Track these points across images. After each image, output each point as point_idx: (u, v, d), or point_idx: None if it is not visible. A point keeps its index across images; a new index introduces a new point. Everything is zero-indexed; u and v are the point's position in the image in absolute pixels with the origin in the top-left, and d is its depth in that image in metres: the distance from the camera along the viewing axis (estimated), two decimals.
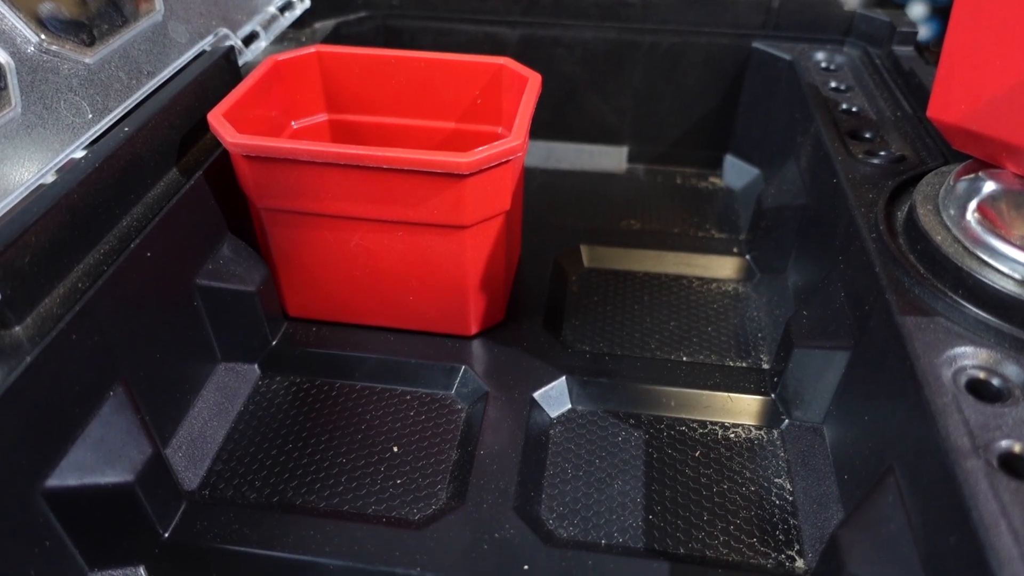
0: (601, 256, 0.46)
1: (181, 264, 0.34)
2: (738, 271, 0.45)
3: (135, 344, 0.31)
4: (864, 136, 0.39)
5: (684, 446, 0.35)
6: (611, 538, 0.31)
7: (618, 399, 0.37)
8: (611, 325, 0.41)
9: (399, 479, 0.33)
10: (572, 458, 0.34)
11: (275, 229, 0.37)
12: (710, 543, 0.31)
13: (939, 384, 0.24)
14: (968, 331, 0.26)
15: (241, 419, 0.36)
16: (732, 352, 0.39)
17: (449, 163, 0.31)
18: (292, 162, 0.33)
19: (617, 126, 0.54)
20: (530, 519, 0.31)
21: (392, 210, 0.34)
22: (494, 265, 0.37)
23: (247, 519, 0.31)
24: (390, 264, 0.37)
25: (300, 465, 0.34)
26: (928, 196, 0.31)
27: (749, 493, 0.33)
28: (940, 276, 0.28)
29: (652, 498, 0.33)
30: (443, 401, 0.37)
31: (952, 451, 0.22)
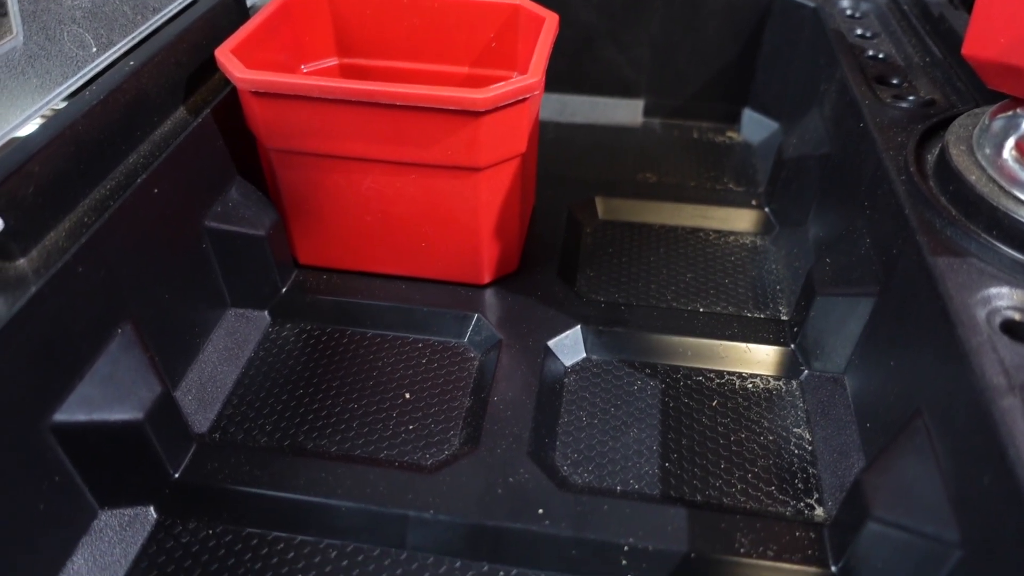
0: (616, 208, 0.45)
1: (189, 204, 0.33)
2: (756, 224, 0.44)
3: (143, 283, 0.30)
4: (891, 82, 0.38)
5: (701, 395, 0.34)
6: (627, 485, 0.30)
7: (633, 348, 0.36)
8: (626, 276, 0.41)
9: (411, 425, 0.33)
10: (587, 406, 0.34)
11: (285, 172, 0.36)
12: (727, 491, 0.30)
13: (973, 324, 0.24)
14: (1003, 272, 0.25)
15: (251, 365, 0.36)
16: (750, 304, 0.39)
17: (465, 99, 0.30)
18: (302, 99, 0.32)
19: (633, 78, 0.53)
20: (544, 465, 0.30)
21: (405, 151, 0.33)
22: (508, 211, 0.36)
23: (258, 461, 0.30)
24: (403, 209, 0.36)
25: (311, 410, 0.33)
26: (961, 137, 0.30)
27: (767, 442, 0.32)
28: (973, 217, 0.27)
29: (668, 446, 0.32)
30: (456, 349, 0.37)
31: (987, 390, 0.22)
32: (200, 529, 0.29)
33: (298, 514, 0.29)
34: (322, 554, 0.28)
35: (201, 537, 0.29)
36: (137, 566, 0.28)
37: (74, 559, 0.27)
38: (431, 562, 0.28)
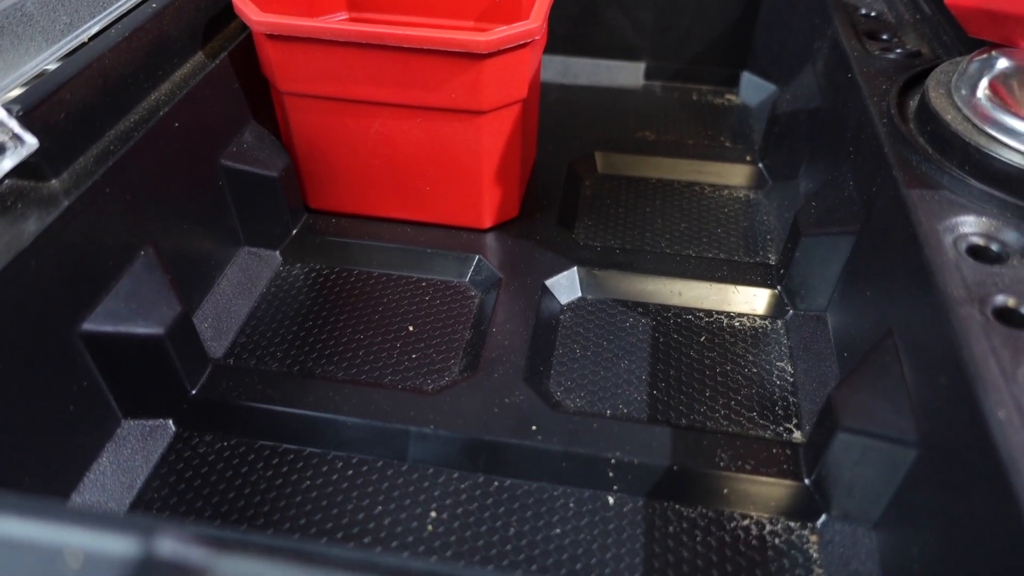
0: (615, 163, 0.47)
1: (205, 142, 0.35)
2: (750, 178, 0.45)
3: (163, 211, 0.32)
4: (882, 37, 0.39)
5: (690, 332, 0.36)
6: (616, 409, 0.32)
7: (627, 289, 0.38)
8: (623, 225, 0.42)
9: (414, 354, 0.35)
10: (580, 340, 0.36)
11: (297, 116, 0.37)
12: (711, 416, 0.32)
13: (939, 246, 0.25)
14: (972, 202, 0.27)
15: (263, 299, 0.38)
16: (740, 250, 0.40)
17: (468, 42, 0.32)
18: (314, 42, 0.34)
19: (636, 42, 0.54)
20: (539, 389, 0.32)
21: (412, 94, 0.35)
22: (509, 156, 0.38)
23: (270, 381, 0.32)
24: (409, 152, 0.38)
25: (319, 340, 0.35)
26: (941, 81, 0.31)
27: (751, 374, 0.34)
28: (948, 153, 0.29)
29: (657, 376, 0.34)
30: (457, 288, 0.38)
31: (948, 301, 0.23)
32: (216, 441, 0.31)
33: (307, 428, 0.31)
34: (329, 464, 0.30)
35: (217, 448, 0.31)
36: (157, 472, 0.30)
37: (100, 461, 0.29)
38: (431, 472, 0.30)
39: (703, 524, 0.28)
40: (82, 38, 0.31)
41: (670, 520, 0.28)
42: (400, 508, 0.29)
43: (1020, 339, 0.22)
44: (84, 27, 0.32)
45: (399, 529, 0.28)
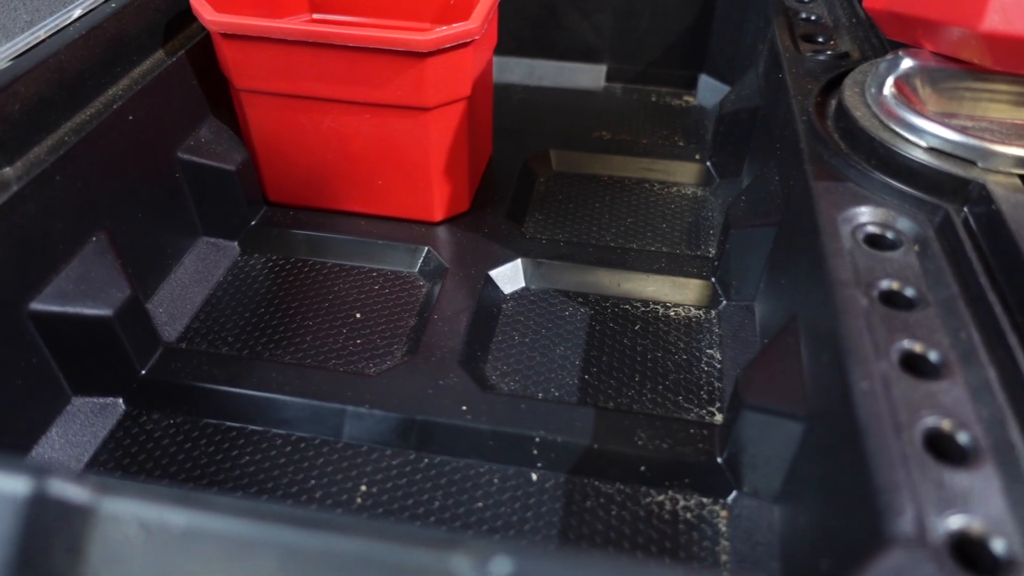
0: (569, 160, 0.48)
1: (162, 135, 0.37)
2: (698, 176, 0.47)
3: (117, 199, 0.34)
4: (817, 40, 0.40)
5: (626, 321, 0.37)
6: (548, 392, 0.34)
7: (569, 280, 0.39)
8: (571, 220, 0.44)
9: (359, 340, 0.36)
10: (520, 328, 0.37)
11: (253, 112, 0.39)
12: (638, 399, 0.33)
13: (835, 234, 0.27)
14: (874, 194, 0.28)
15: (220, 287, 0.39)
16: (682, 244, 0.42)
17: (409, 41, 0.34)
18: (266, 41, 0.35)
19: (596, 45, 0.56)
20: (473, 372, 0.34)
21: (360, 91, 0.36)
22: (457, 152, 0.39)
23: (217, 363, 0.34)
24: (360, 148, 0.39)
25: (270, 326, 0.37)
26: (857, 81, 0.33)
27: (681, 361, 0.35)
28: (857, 148, 0.30)
29: (590, 362, 0.35)
30: (406, 278, 0.40)
31: (835, 283, 0.25)
32: (163, 419, 0.33)
33: (249, 408, 0.32)
34: (269, 441, 0.32)
35: (164, 426, 0.32)
36: (105, 447, 0.31)
37: (48, 435, 0.30)
38: (365, 449, 0.31)
39: (619, 499, 0.30)
40: (40, 35, 0.32)
41: (588, 495, 0.30)
42: (332, 483, 0.30)
43: (898, 319, 0.23)
44: (43, 24, 0.33)
45: (329, 502, 0.29)
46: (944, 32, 0.27)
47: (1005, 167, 0.27)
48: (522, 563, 0.14)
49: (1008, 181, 0.27)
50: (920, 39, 0.30)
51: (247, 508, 0.16)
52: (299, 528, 0.15)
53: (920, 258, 0.26)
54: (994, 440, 0.20)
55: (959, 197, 0.28)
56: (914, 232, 0.27)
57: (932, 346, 0.23)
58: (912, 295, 0.25)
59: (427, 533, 0.15)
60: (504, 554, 0.14)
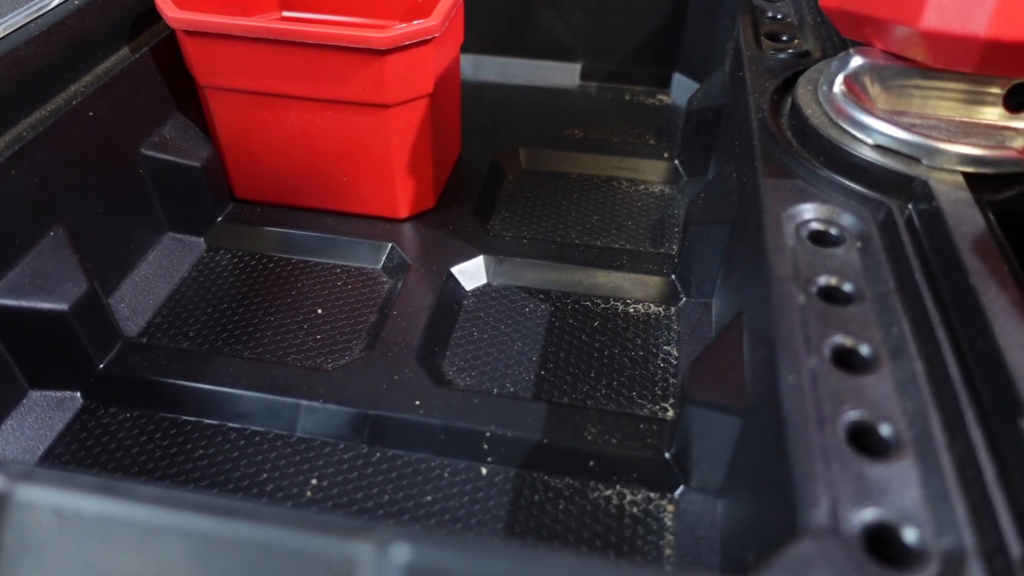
0: (539, 159, 0.49)
1: (124, 131, 0.37)
2: (666, 174, 0.47)
3: (77, 194, 0.34)
4: (781, 38, 0.41)
5: (585, 318, 0.37)
6: (503, 388, 0.34)
7: (531, 277, 0.40)
8: (538, 217, 0.44)
9: (319, 335, 0.36)
10: (480, 324, 0.37)
11: (219, 109, 0.39)
12: (593, 395, 0.34)
13: (778, 229, 0.27)
14: (821, 191, 0.29)
15: (184, 283, 0.39)
16: (647, 242, 0.42)
17: (368, 38, 0.34)
18: (227, 38, 0.36)
19: (570, 43, 0.56)
20: (429, 367, 0.34)
21: (321, 88, 0.37)
22: (421, 149, 0.40)
23: (176, 358, 0.34)
24: (324, 145, 0.39)
25: (232, 321, 0.37)
26: (812, 79, 0.33)
27: (637, 357, 0.35)
28: (808, 146, 0.30)
29: (547, 358, 0.35)
30: (370, 274, 0.40)
31: (775, 279, 0.25)
32: (120, 413, 0.33)
33: (205, 402, 0.33)
34: (223, 435, 0.32)
35: (120, 419, 0.33)
36: (61, 440, 0.31)
37: (3, 428, 0.31)
38: (317, 443, 0.32)
39: (567, 494, 0.30)
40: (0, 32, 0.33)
41: (537, 489, 0.30)
42: (284, 476, 0.30)
43: (834, 314, 0.24)
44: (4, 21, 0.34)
45: (280, 495, 0.30)
46: (890, 30, 0.27)
47: (949, 164, 0.28)
48: (421, 549, 0.14)
49: (951, 178, 0.27)
50: (870, 37, 0.30)
51: (159, 496, 0.16)
52: (209, 515, 0.15)
53: (861, 254, 0.26)
54: (916, 433, 0.20)
55: (904, 194, 0.28)
56: (858, 229, 0.27)
57: (864, 341, 0.23)
58: (850, 291, 0.25)
59: (332, 520, 0.15)
60: (404, 540, 0.14)
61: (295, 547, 0.15)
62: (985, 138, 0.28)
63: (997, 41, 0.24)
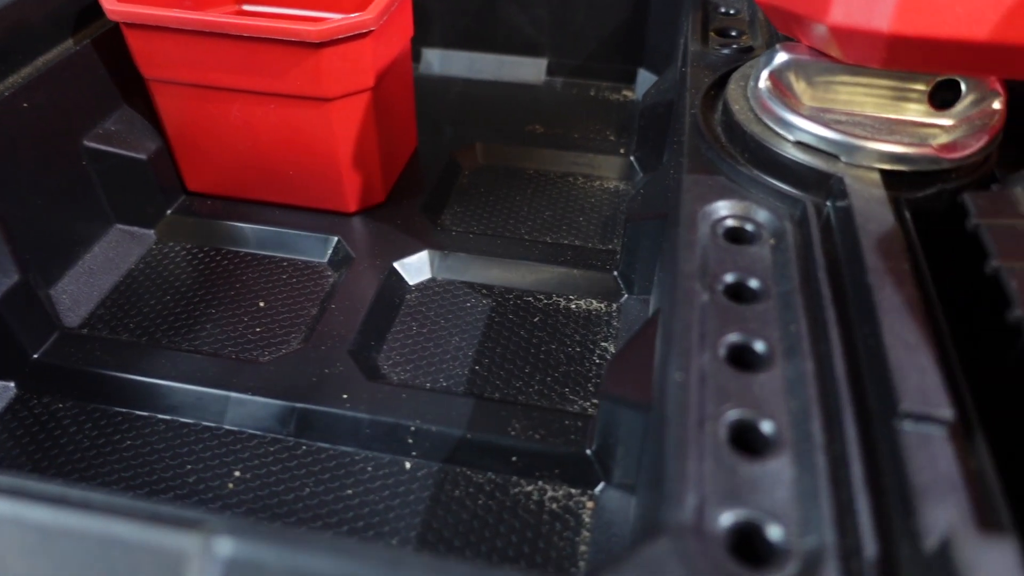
0: (497, 154, 0.49)
1: (65, 123, 0.37)
2: (622, 170, 0.47)
3: (11, 186, 0.34)
4: (730, 34, 0.40)
5: (526, 313, 0.37)
6: (436, 383, 0.34)
7: (476, 272, 0.40)
8: (490, 212, 0.44)
9: (258, 328, 0.37)
10: (420, 318, 0.37)
11: (164, 101, 0.39)
12: (525, 390, 0.34)
13: (691, 225, 0.27)
14: (742, 187, 0.28)
15: (131, 275, 0.40)
16: (595, 238, 0.42)
17: (300, 31, 0.34)
18: (165, 30, 0.36)
19: (535, 38, 0.56)
20: (361, 361, 0.34)
21: (261, 81, 0.37)
22: (366, 143, 0.40)
23: (111, 349, 0.34)
24: (269, 138, 0.39)
25: (173, 313, 0.37)
26: (744, 74, 0.33)
27: (574, 353, 0.35)
28: (734, 142, 0.30)
29: (483, 353, 0.35)
30: (316, 268, 0.40)
31: (680, 276, 0.25)
32: (53, 403, 0.33)
33: (137, 393, 0.33)
34: (152, 427, 0.32)
35: (52, 410, 0.33)
36: None
37: None
38: (244, 436, 0.32)
39: (488, 489, 0.30)
40: None
41: (459, 484, 0.30)
42: (208, 468, 0.31)
43: (736, 312, 0.24)
44: None
45: (202, 487, 0.30)
46: (807, 25, 0.27)
47: (867, 162, 0.27)
48: (242, 543, 0.14)
49: (868, 176, 0.27)
50: (796, 32, 0.30)
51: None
52: (42, 505, 0.15)
53: (773, 252, 0.26)
54: (796, 433, 0.20)
55: (823, 191, 0.28)
56: (774, 226, 0.27)
57: (761, 339, 0.23)
58: (757, 288, 0.25)
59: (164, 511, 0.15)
60: (226, 535, 0.15)
61: (127, 538, 0.15)
62: (908, 136, 0.28)
63: (901, 36, 0.23)
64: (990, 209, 0.24)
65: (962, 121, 0.29)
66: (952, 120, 0.29)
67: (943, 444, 0.19)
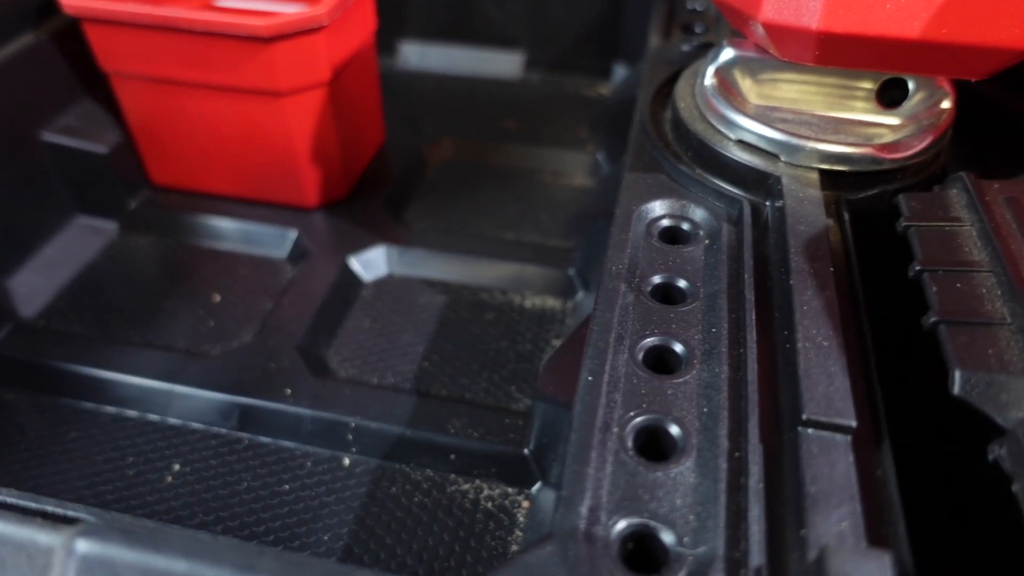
0: (466, 149, 0.48)
1: (21, 115, 0.37)
2: (589, 168, 0.46)
3: None
4: (695, 31, 0.40)
5: (480, 310, 0.37)
6: (383, 379, 0.34)
7: (434, 268, 0.39)
8: (453, 209, 0.44)
9: (212, 322, 0.37)
10: (374, 314, 0.37)
11: (124, 95, 0.39)
12: (472, 388, 0.33)
13: (625, 225, 0.26)
14: (682, 187, 0.28)
15: (91, 268, 0.40)
16: (556, 236, 0.41)
17: (250, 26, 0.34)
18: (121, 24, 0.36)
19: (513, 32, 0.55)
20: (308, 356, 0.34)
21: (215, 75, 0.37)
22: (325, 138, 0.40)
23: (63, 342, 0.35)
24: (228, 132, 0.39)
25: (129, 306, 0.37)
26: (695, 71, 0.32)
27: (524, 351, 0.35)
28: (679, 140, 0.30)
29: (433, 350, 0.35)
30: (274, 263, 0.40)
31: (606, 275, 0.24)
32: (2, 394, 0.33)
33: (84, 385, 0.33)
34: (96, 419, 0.32)
35: (2, 401, 0.33)
36: None
37: None
38: (186, 429, 0.32)
39: (425, 487, 0.30)
40: None
41: (396, 482, 0.30)
42: (148, 461, 0.31)
43: (659, 314, 0.23)
44: None
45: (141, 480, 0.30)
46: (747, 22, 0.27)
47: (807, 161, 0.27)
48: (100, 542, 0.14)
49: (807, 176, 0.27)
50: (743, 29, 0.29)
51: None
52: None
53: (707, 252, 0.26)
54: (703, 438, 0.20)
55: (763, 191, 0.27)
56: (710, 226, 0.27)
57: (682, 342, 0.22)
58: (685, 289, 0.24)
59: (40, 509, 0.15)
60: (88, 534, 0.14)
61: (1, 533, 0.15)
62: (854, 135, 0.27)
63: (831, 33, 0.23)
64: (922, 211, 0.23)
65: (910, 120, 0.28)
66: (899, 119, 0.28)
67: (844, 453, 0.18)
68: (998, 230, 0.22)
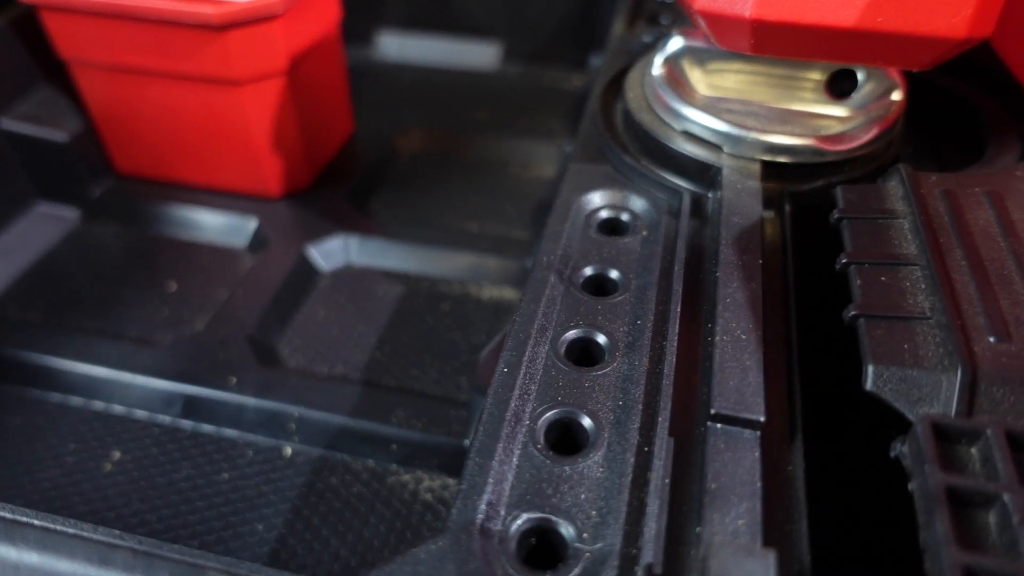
0: (437, 140, 0.48)
1: None
2: (558, 160, 0.46)
3: None
4: (661, 22, 0.39)
5: (436, 301, 0.37)
6: (333, 368, 0.33)
7: (393, 259, 0.39)
8: (418, 199, 0.43)
9: (166, 310, 0.36)
10: (330, 304, 0.37)
11: (85, 82, 0.39)
12: (422, 379, 0.33)
13: (562, 215, 0.26)
14: (625, 177, 0.28)
15: (50, 255, 0.40)
16: (520, 227, 0.41)
17: (202, 14, 0.33)
18: (74, 11, 0.35)
19: (490, 25, 0.55)
20: (258, 345, 0.34)
21: (172, 63, 0.36)
22: (284, 127, 0.39)
23: (15, 329, 0.34)
24: (188, 120, 0.39)
25: (87, 294, 0.37)
26: (647, 61, 0.32)
27: (476, 343, 0.35)
28: (628, 131, 0.29)
29: (386, 340, 0.35)
30: (233, 252, 0.40)
31: (536, 265, 0.24)
32: None
33: (32, 372, 0.33)
34: (41, 407, 0.32)
35: None
36: None
37: None
38: (129, 417, 0.32)
39: (365, 477, 0.29)
40: None
41: (336, 472, 0.30)
42: (88, 448, 0.30)
43: (589, 305, 0.23)
44: None
45: (79, 467, 0.30)
46: (690, 11, 0.26)
47: (749, 153, 0.26)
48: None
49: (748, 167, 0.26)
50: (692, 18, 0.29)
51: None
52: None
53: (643, 243, 0.25)
54: (614, 432, 0.19)
55: (705, 182, 0.27)
56: (650, 217, 0.26)
57: (606, 333, 0.22)
58: (617, 280, 0.24)
59: None
60: None
61: None
62: (801, 126, 0.27)
63: (764, 21, 0.22)
64: (857, 204, 0.23)
65: (858, 112, 0.27)
66: (848, 111, 0.27)
67: (750, 448, 0.18)
68: (928, 223, 0.21)
